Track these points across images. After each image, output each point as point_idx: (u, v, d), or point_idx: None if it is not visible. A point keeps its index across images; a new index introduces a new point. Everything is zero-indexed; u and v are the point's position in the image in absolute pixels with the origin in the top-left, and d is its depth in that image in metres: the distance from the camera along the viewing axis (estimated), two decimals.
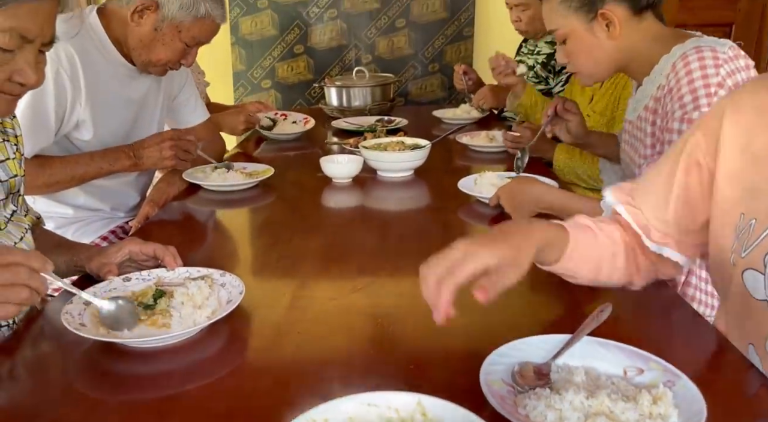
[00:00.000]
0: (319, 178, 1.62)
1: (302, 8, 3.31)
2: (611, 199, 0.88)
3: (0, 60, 0.78)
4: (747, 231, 0.74)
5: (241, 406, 0.71)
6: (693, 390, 0.64)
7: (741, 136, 0.76)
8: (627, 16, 1.17)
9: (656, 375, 0.69)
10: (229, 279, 0.93)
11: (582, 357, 0.73)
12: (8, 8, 0.74)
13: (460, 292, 0.68)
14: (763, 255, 0.72)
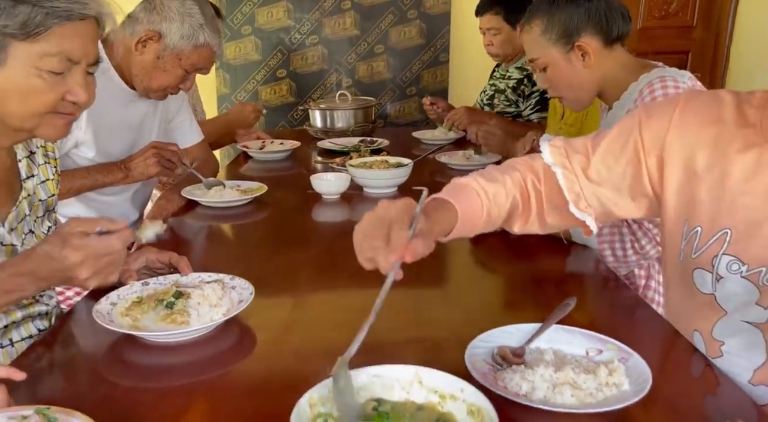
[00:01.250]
0: (309, 195, 1.74)
1: (285, 34, 3.45)
2: (549, 160, 0.94)
3: (52, 82, 0.86)
4: (695, 236, 0.86)
5: (255, 389, 0.82)
6: (642, 365, 0.77)
7: (683, 153, 0.87)
8: (600, 47, 1.31)
9: (612, 354, 0.81)
10: (239, 282, 1.04)
11: (550, 341, 0.86)
12: (53, 34, 0.83)
13: (447, 293, 0.80)
14: (711, 258, 0.84)
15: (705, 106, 0.86)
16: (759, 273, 0.79)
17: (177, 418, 0.76)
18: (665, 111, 0.89)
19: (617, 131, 0.93)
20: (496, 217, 0.92)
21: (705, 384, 0.82)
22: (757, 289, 0.80)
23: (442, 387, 0.67)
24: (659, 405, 0.74)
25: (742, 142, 0.81)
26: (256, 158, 2.26)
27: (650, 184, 0.91)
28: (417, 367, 0.69)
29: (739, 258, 0.81)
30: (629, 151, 0.90)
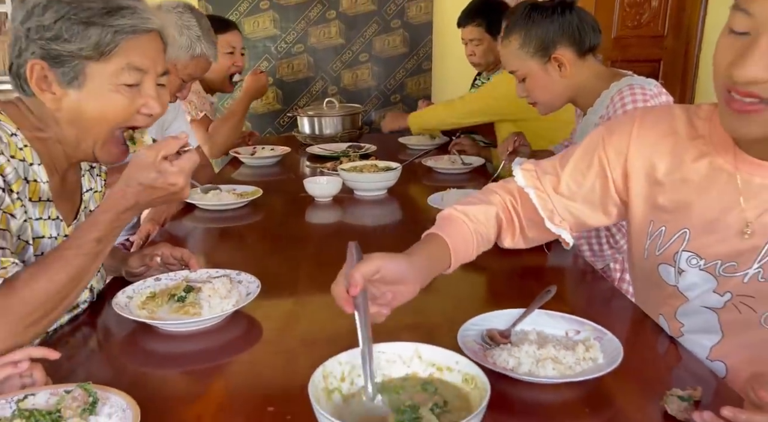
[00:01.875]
0: (302, 198, 1.82)
1: (271, 43, 3.53)
2: (522, 182, 1.02)
3: (129, 96, 0.94)
4: (659, 236, 0.95)
5: (265, 371, 0.90)
6: (615, 342, 0.86)
7: (644, 164, 0.95)
8: (574, 58, 1.42)
9: (589, 333, 0.91)
10: (245, 277, 1.11)
11: (533, 324, 0.95)
12: (122, 49, 0.91)
13: (440, 282, 0.88)
14: (673, 254, 0.93)
15: (659, 120, 0.95)
16: (715, 265, 0.89)
17: (199, 397, 0.83)
18: (625, 128, 0.97)
19: (583, 150, 1.01)
20: (486, 235, 1.00)
21: (670, 358, 0.92)
22: (715, 279, 0.89)
23: (439, 361, 0.76)
24: (630, 375, 0.84)
25: (694, 152, 0.90)
26: (248, 163, 2.33)
27: (617, 193, 1.00)
28: (416, 344, 0.78)
29: (697, 253, 0.90)
30: (596, 166, 0.99)
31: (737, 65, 0.72)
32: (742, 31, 0.73)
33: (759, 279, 0.84)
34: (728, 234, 0.86)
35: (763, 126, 0.75)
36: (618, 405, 0.79)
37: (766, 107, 0.72)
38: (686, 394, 0.75)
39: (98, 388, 0.72)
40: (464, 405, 0.70)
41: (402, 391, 0.74)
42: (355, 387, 0.75)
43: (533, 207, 1.02)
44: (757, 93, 0.72)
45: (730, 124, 0.78)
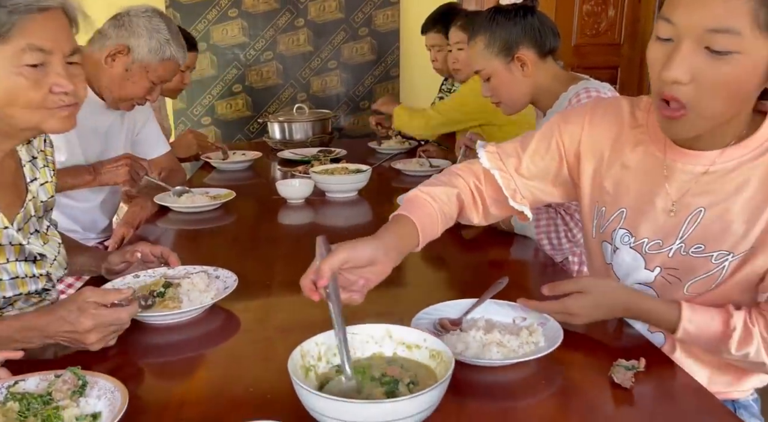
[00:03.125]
0: (274, 200, 1.86)
1: (240, 50, 3.56)
2: (487, 164, 1.10)
3: (34, 77, 0.89)
4: (602, 215, 1.06)
5: (243, 359, 0.94)
6: (556, 327, 0.92)
7: (594, 150, 1.07)
8: (535, 58, 1.51)
9: (534, 320, 0.96)
10: (222, 272, 1.16)
11: (484, 312, 1.00)
12: (19, 29, 0.87)
13: (405, 274, 0.94)
14: (611, 232, 1.03)
15: (607, 111, 1.06)
16: (642, 243, 0.99)
17: (182, 382, 0.88)
18: (579, 117, 1.08)
19: (541, 134, 1.12)
20: (449, 214, 1.06)
21: (617, 334, 1.01)
22: (642, 257, 0.99)
23: (408, 339, 0.82)
24: (581, 352, 0.92)
25: (633, 140, 1.01)
26: (220, 168, 2.37)
27: (569, 174, 1.11)
28: (387, 325, 0.84)
29: (630, 231, 1.00)
30: (552, 150, 1.10)
31: (664, 68, 0.81)
32: (666, 38, 0.82)
33: (681, 253, 0.94)
34: (657, 213, 0.97)
35: (688, 128, 0.85)
36: (571, 378, 0.87)
37: (687, 112, 0.82)
38: (630, 364, 0.83)
39: (87, 373, 0.76)
40: (431, 378, 0.77)
41: (369, 369, 0.80)
42: (330, 366, 0.81)
43: (498, 186, 1.10)
44: (678, 97, 0.81)
45: (663, 128, 0.89)
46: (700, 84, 0.79)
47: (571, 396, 0.83)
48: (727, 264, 0.91)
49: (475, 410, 0.80)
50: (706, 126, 0.85)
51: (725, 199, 0.90)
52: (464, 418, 0.77)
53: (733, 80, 0.79)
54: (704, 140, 0.91)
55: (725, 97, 0.81)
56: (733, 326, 0.87)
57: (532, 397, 0.83)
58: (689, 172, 0.93)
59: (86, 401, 0.74)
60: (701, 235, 0.92)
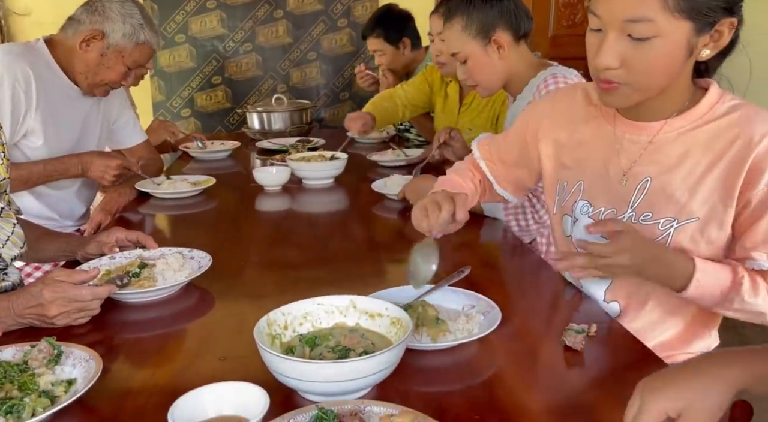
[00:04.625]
0: (252, 187, 1.89)
1: (219, 42, 3.57)
2: (477, 154, 1.28)
3: None
4: (563, 189, 1.11)
5: (216, 333, 0.98)
6: (498, 315, 0.93)
7: (554, 132, 1.13)
8: (511, 41, 1.56)
9: (480, 308, 0.98)
10: (197, 253, 1.19)
11: (438, 299, 1.00)
12: None
13: (377, 260, 0.97)
14: (572, 204, 1.09)
15: (566, 95, 1.15)
16: (599, 212, 1.04)
17: (156, 355, 0.91)
18: (543, 104, 1.19)
19: (516, 126, 1.24)
20: (473, 196, 1.25)
21: (574, 304, 1.07)
22: None
23: (371, 308, 0.87)
24: (538, 322, 0.97)
25: (588, 116, 1.08)
26: (198, 158, 2.39)
27: (537, 158, 1.18)
28: (351, 296, 0.88)
29: (589, 201, 1.06)
30: (521, 136, 1.20)
31: (596, 56, 0.89)
32: (596, 29, 0.90)
33: (633, 221, 1.00)
34: (611, 183, 1.03)
35: (623, 99, 0.93)
36: (526, 344, 0.92)
37: (620, 85, 0.90)
38: (580, 328, 0.88)
39: (62, 344, 0.80)
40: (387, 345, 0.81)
41: (332, 337, 0.84)
42: (295, 335, 0.85)
43: (485, 174, 1.26)
44: (612, 79, 0.90)
45: (601, 98, 0.98)
46: (629, 67, 0.88)
47: (527, 361, 0.88)
48: (672, 230, 0.96)
49: (443, 392, 0.81)
50: (640, 97, 0.93)
51: (669, 169, 0.96)
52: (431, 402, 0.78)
53: (658, 60, 0.87)
54: (648, 112, 0.97)
55: (653, 74, 0.89)
56: (741, 275, 0.90)
57: (489, 369, 0.86)
58: (636, 142, 0.99)
59: (62, 369, 0.77)
60: (649, 203, 0.98)
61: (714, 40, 0.88)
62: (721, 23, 0.86)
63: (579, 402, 0.77)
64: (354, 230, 1.58)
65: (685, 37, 0.85)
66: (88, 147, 1.77)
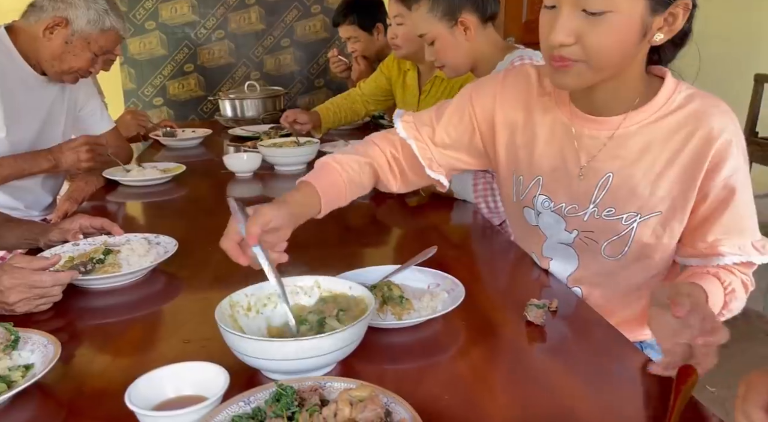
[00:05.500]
0: (223, 174, 1.88)
1: (190, 29, 3.51)
2: (404, 134, 1.12)
3: None
4: (520, 182, 1.10)
5: (181, 317, 0.98)
6: (462, 292, 0.93)
7: (506, 119, 1.08)
8: (477, 23, 1.55)
9: (445, 286, 0.99)
10: (163, 239, 1.18)
11: (404, 279, 1.02)
12: None
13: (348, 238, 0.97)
14: (532, 198, 1.08)
15: (517, 80, 1.09)
16: (561, 207, 1.04)
17: (119, 339, 0.90)
18: (490, 88, 1.11)
19: (454, 105, 1.13)
20: (360, 182, 1.07)
21: (541, 282, 1.08)
22: (563, 219, 1.05)
23: (335, 288, 0.87)
24: (505, 300, 0.98)
25: (542, 107, 1.05)
26: (170, 146, 2.36)
27: (483, 145, 1.14)
28: (315, 276, 0.88)
29: (549, 196, 1.05)
30: (465, 120, 1.12)
31: (550, 32, 0.87)
32: (551, 5, 0.88)
33: (595, 217, 1.00)
34: (569, 179, 1.02)
35: (576, 78, 0.90)
36: (490, 321, 0.94)
37: (574, 63, 0.88)
38: (542, 302, 0.89)
39: (19, 329, 0.78)
40: (361, 312, 0.81)
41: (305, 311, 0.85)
42: (260, 317, 0.85)
43: (414, 156, 1.12)
44: (566, 56, 0.87)
45: (554, 79, 0.93)
46: (583, 43, 0.86)
47: (490, 337, 0.89)
48: (635, 225, 0.97)
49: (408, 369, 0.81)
50: (594, 78, 0.90)
51: (631, 163, 0.96)
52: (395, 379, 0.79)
53: (613, 36, 0.85)
54: (605, 105, 0.96)
55: (608, 52, 0.87)
56: (727, 281, 0.93)
57: (452, 345, 0.87)
58: (595, 137, 0.98)
59: (19, 354, 0.76)
60: (611, 199, 0.98)
61: (668, 24, 0.87)
62: (676, 4, 0.86)
63: (540, 375, 0.78)
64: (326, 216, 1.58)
65: (639, 14, 0.85)
66: (52, 136, 1.73)
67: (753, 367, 1.61)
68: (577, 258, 1.06)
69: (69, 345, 0.84)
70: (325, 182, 1.01)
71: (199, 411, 0.63)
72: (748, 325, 2.61)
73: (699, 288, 0.83)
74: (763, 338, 2.50)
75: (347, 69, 2.79)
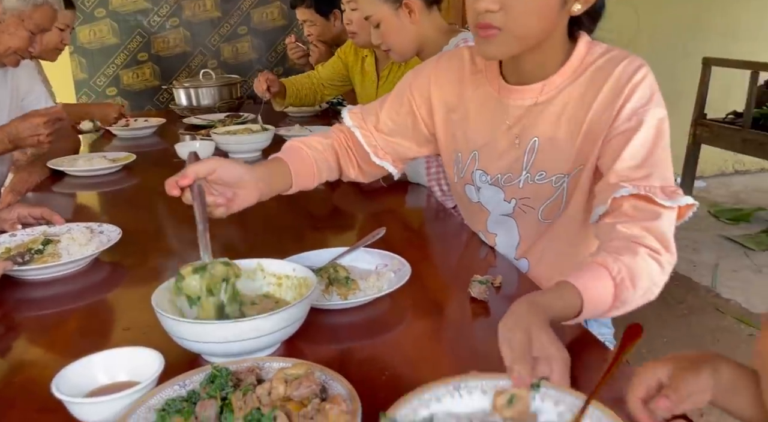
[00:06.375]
0: (175, 163, 1.84)
1: (143, 17, 3.41)
2: (349, 123, 1.15)
3: None
4: (459, 160, 1.12)
5: (122, 307, 0.96)
6: (408, 271, 0.94)
7: (442, 100, 1.10)
8: (422, 6, 1.55)
9: (393, 267, 0.98)
10: (107, 227, 1.15)
11: (353, 260, 1.01)
12: None
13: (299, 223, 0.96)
14: (470, 174, 1.09)
15: (451, 62, 1.10)
16: (498, 178, 1.06)
17: (57, 330, 0.88)
18: (426, 72, 1.12)
19: (396, 92, 1.16)
20: (327, 163, 1.10)
21: (488, 261, 1.09)
22: (501, 190, 1.07)
23: (279, 271, 0.86)
24: (451, 278, 0.98)
25: (474, 84, 1.07)
26: (121, 136, 2.30)
27: (426, 128, 1.15)
28: (258, 259, 0.87)
29: (485, 170, 1.07)
30: (406, 106, 1.13)
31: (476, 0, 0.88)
32: None
33: (529, 182, 1.02)
34: (503, 149, 1.04)
35: (502, 48, 0.92)
36: (435, 298, 0.95)
37: (499, 32, 0.89)
38: (485, 278, 0.90)
39: None
40: None
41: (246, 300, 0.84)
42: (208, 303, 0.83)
43: (361, 144, 1.14)
44: (491, 22, 0.89)
45: (480, 49, 0.95)
46: (507, 9, 0.87)
47: (435, 314, 0.90)
48: (565, 185, 0.99)
49: (352, 348, 0.82)
50: (519, 46, 0.92)
51: (553, 126, 0.98)
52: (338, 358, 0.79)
53: (534, 4, 0.87)
54: (528, 75, 0.98)
55: (531, 19, 0.89)
56: (616, 271, 0.77)
57: (398, 324, 0.87)
58: (521, 106, 1.00)
59: None
60: (541, 163, 1.00)
61: None
62: None
63: (482, 351, 0.79)
64: (276, 199, 1.55)
65: None
66: None
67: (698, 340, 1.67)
68: (517, 229, 1.08)
69: (6, 337, 0.82)
70: (296, 159, 1.03)
71: (130, 396, 0.61)
72: (697, 299, 2.70)
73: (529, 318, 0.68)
74: (712, 312, 2.59)
75: (305, 55, 2.76)
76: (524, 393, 0.59)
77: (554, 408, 0.59)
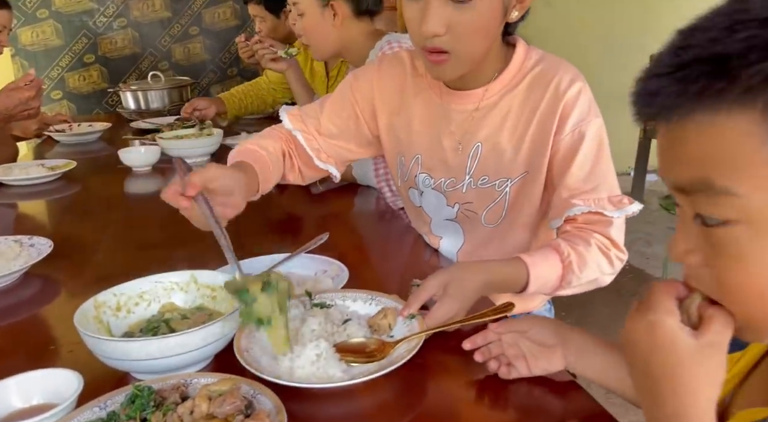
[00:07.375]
0: (119, 169, 1.79)
1: (88, 17, 3.30)
2: (289, 126, 1.11)
3: None
4: (402, 163, 1.11)
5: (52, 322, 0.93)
6: (345, 276, 0.93)
7: (385, 103, 1.09)
8: (349, 14, 1.54)
9: (331, 273, 0.99)
10: (38, 240, 1.10)
11: (294, 267, 1.00)
12: None
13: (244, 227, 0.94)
14: (414, 178, 1.09)
15: (392, 65, 1.10)
16: (441, 183, 1.06)
17: None
18: (369, 74, 1.12)
19: (336, 94, 1.14)
20: (276, 171, 1.07)
21: (430, 264, 1.10)
22: (444, 195, 1.07)
23: (213, 282, 0.84)
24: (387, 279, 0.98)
25: (416, 89, 1.07)
26: (63, 141, 2.22)
27: (369, 131, 1.14)
28: (192, 271, 0.85)
29: (429, 173, 1.07)
30: (348, 109, 1.12)
31: (422, 24, 0.88)
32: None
33: (472, 187, 1.03)
34: (444, 154, 1.04)
35: (452, 71, 0.93)
36: None
37: (449, 56, 0.90)
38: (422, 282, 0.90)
39: None
40: None
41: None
42: (131, 316, 0.81)
43: (303, 147, 1.12)
44: (439, 47, 0.89)
45: (433, 73, 0.97)
46: (454, 32, 0.88)
47: None
48: (507, 189, 1.00)
49: None
50: (469, 66, 0.93)
51: (495, 131, 0.99)
52: None
53: (480, 22, 0.88)
54: (469, 80, 0.99)
55: (478, 38, 0.90)
56: (566, 253, 0.87)
57: None
58: (463, 111, 1.01)
59: None
60: (484, 167, 1.01)
61: (519, 2, 0.91)
62: None
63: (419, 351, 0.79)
64: None
65: None
66: None
67: None
68: (462, 233, 1.09)
69: None
70: (260, 163, 1.00)
71: (47, 420, 0.59)
72: None
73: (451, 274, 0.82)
74: None
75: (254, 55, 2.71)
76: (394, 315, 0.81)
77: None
